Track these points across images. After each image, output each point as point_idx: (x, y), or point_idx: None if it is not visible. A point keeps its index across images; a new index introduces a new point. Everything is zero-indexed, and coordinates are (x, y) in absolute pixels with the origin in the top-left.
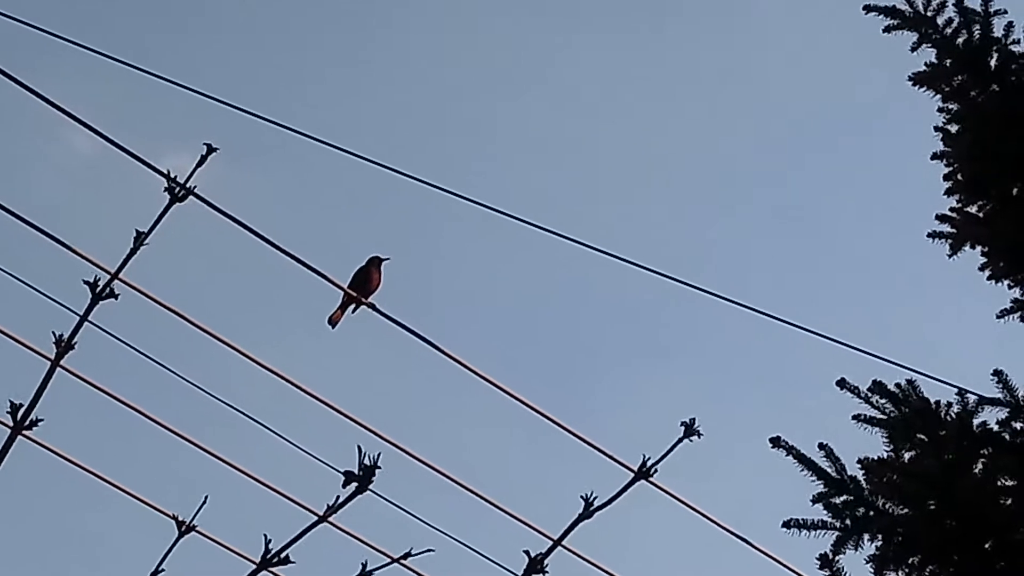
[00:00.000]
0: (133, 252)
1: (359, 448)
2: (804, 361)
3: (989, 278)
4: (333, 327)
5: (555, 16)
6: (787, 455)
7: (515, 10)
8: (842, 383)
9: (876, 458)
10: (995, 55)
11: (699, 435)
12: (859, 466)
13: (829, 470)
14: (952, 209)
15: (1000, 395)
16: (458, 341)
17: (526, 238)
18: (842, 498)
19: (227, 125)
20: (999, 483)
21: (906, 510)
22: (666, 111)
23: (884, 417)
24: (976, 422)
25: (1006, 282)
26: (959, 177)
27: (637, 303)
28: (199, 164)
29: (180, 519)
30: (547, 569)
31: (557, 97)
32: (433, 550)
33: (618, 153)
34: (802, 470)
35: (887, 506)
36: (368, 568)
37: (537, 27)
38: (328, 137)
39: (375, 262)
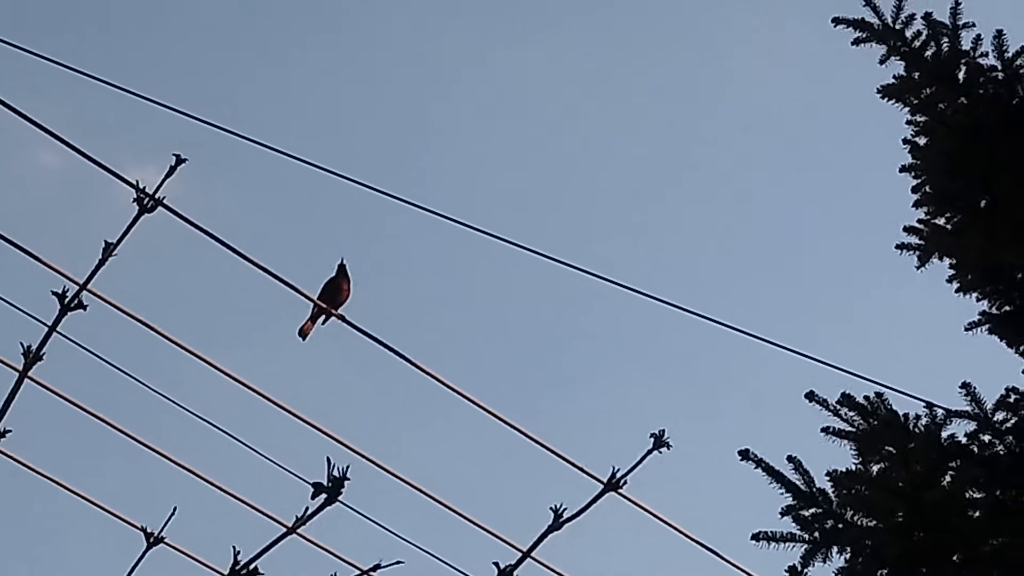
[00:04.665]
0: (102, 263)
1: (328, 459)
2: (773, 374)
3: (957, 290)
4: (304, 339)
5: (523, 20)
6: (756, 467)
7: (486, 14)
8: (811, 396)
9: (845, 470)
10: (963, 68)
11: (669, 447)
12: (828, 478)
13: (798, 482)
14: (920, 221)
15: (968, 408)
16: (428, 352)
17: (495, 251)
18: (811, 510)
19: (191, 138)
20: (967, 496)
21: (874, 522)
22: (631, 122)
23: (853, 430)
24: (944, 435)
25: (974, 294)
26: (927, 189)
27: (606, 315)
28: (168, 175)
29: (148, 531)
30: None
31: (528, 110)
32: (402, 562)
33: (588, 165)
34: (771, 482)
35: (856, 518)
36: None
37: (508, 32)
38: (294, 149)
39: (344, 272)
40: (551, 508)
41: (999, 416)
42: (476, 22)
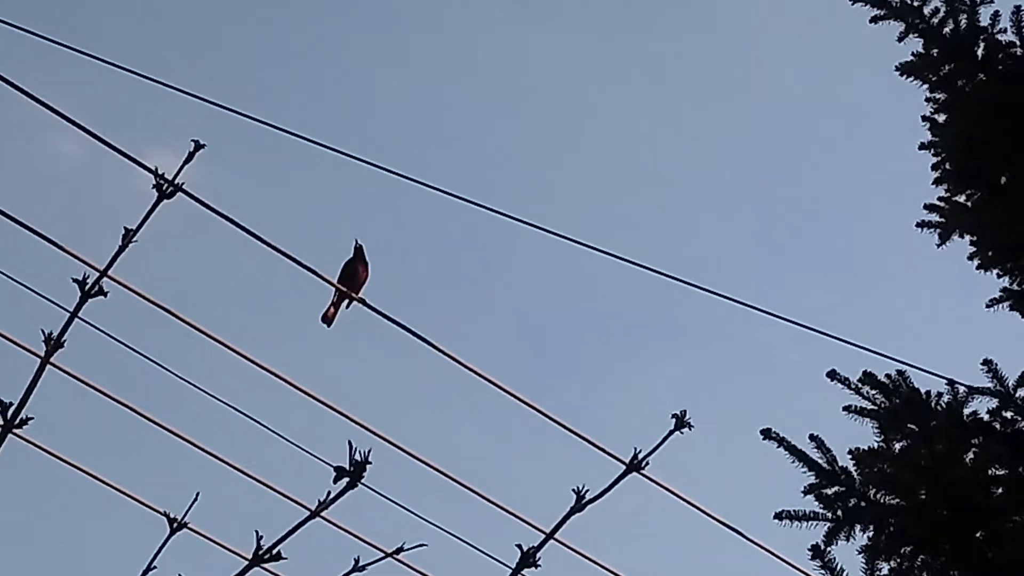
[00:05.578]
0: (122, 249)
1: (350, 443)
2: (794, 353)
3: (978, 267)
4: (329, 325)
5: (540, 13)
6: (778, 446)
7: (500, 6)
8: (832, 374)
9: (867, 449)
10: (982, 44)
11: (690, 427)
12: (850, 457)
13: (820, 461)
14: (940, 199)
15: (990, 385)
16: (449, 336)
17: (515, 233)
18: (833, 489)
19: (209, 123)
20: (990, 472)
21: (897, 500)
22: (651, 104)
23: (875, 408)
24: (966, 412)
25: (995, 271)
26: (947, 166)
27: (627, 296)
28: (187, 160)
29: (171, 516)
30: (539, 562)
31: (544, 95)
32: (425, 544)
33: (606, 148)
34: (793, 461)
35: (878, 496)
36: (360, 563)
37: (521, 24)
38: (310, 133)
39: (360, 255)
40: (573, 490)
41: (1021, 393)
42: (488, 9)
